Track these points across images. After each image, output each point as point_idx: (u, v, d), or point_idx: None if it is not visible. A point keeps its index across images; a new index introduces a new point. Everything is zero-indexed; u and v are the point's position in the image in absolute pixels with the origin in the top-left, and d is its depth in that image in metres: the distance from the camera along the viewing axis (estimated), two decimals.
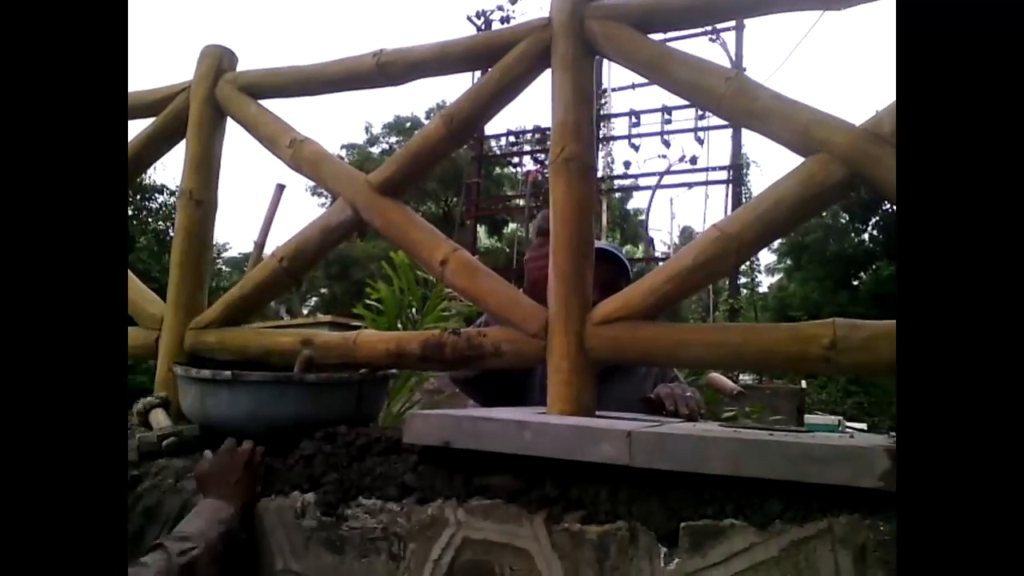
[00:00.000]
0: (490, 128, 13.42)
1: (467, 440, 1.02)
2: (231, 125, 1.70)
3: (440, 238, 1.37)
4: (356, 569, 1.05)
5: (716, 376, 1.54)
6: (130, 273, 1.64)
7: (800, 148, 1.16)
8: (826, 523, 0.82)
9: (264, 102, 1.65)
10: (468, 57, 1.44)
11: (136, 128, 1.80)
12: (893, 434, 1.00)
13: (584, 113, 1.28)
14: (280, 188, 1.94)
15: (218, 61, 1.70)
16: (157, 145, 1.77)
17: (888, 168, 1.07)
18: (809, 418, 1.25)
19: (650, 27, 1.30)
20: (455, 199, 18.22)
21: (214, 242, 1.87)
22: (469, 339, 1.32)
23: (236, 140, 1.74)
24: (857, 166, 1.09)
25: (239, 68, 1.72)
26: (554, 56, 1.30)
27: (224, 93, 1.65)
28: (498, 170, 18.84)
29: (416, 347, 1.36)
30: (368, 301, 2.90)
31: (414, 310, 2.85)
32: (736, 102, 1.19)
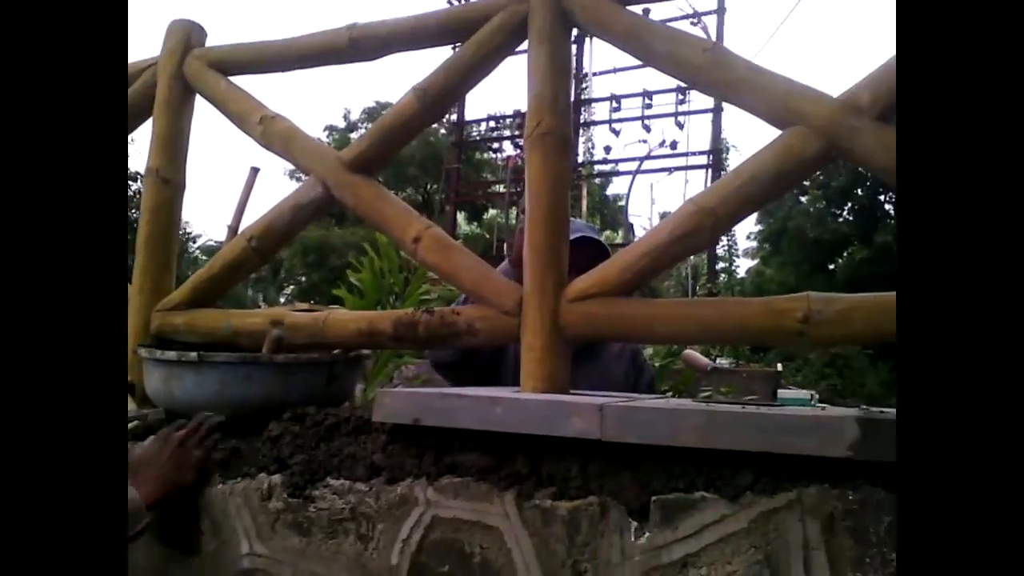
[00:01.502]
0: (470, 113, 13.35)
1: (438, 417, 1.00)
2: (200, 103, 1.66)
3: (413, 215, 1.35)
4: (323, 551, 1.03)
5: (690, 352, 1.54)
6: None
7: (777, 121, 1.14)
8: (795, 493, 0.82)
9: (236, 79, 1.60)
10: (443, 31, 1.41)
11: None
12: (864, 407, 1.00)
13: (561, 86, 1.26)
14: (254, 171, 1.90)
15: (186, 36, 1.65)
16: None
17: (865, 140, 1.06)
18: (783, 392, 1.25)
19: None
20: (434, 185, 18.09)
21: (185, 227, 1.83)
22: (443, 317, 1.30)
23: (207, 120, 1.69)
24: (834, 138, 1.08)
25: (208, 43, 1.67)
26: (531, 28, 1.27)
27: (192, 69, 1.60)
28: (478, 155, 18.76)
29: (388, 326, 1.33)
30: (352, 281, 2.86)
31: (394, 295, 2.81)
32: (713, 74, 1.17)
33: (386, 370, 2.45)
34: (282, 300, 19.95)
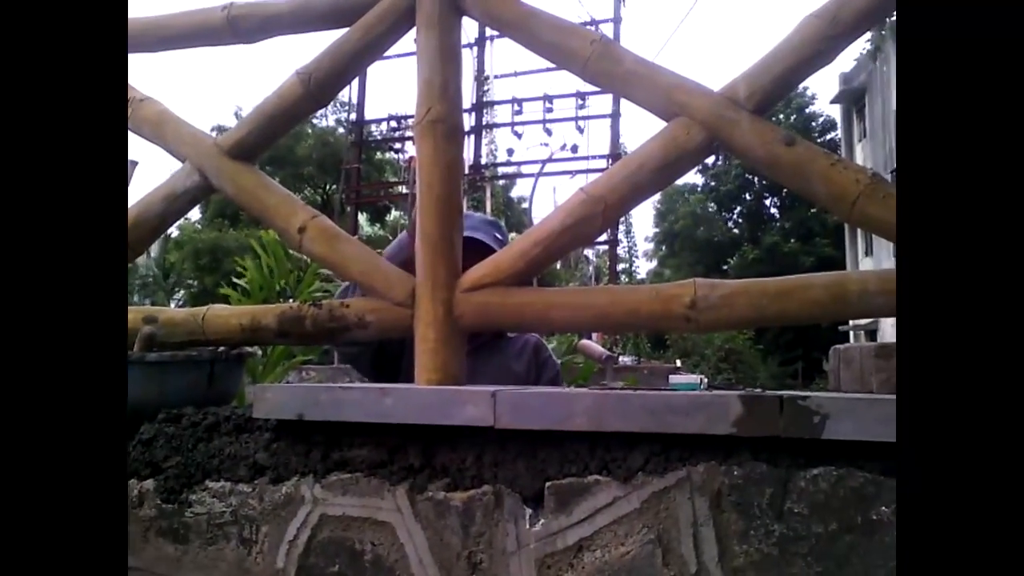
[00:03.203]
0: (370, 112, 13.10)
1: (324, 411, 0.95)
2: None
3: (297, 204, 1.29)
4: (202, 558, 0.96)
5: (586, 342, 1.56)
6: None
7: (662, 112, 1.17)
8: (685, 472, 0.83)
9: None
10: (329, 14, 1.35)
11: None
12: (748, 388, 1.03)
13: (451, 73, 1.23)
14: (131, 164, 1.76)
15: None
16: None
17: (742, 132, 1.10)
18: (673, 378, 1.29)
19: None
20: (334, 185, 17.64)
21: None
22: (331, 310, 1.24)
23: None
24: (715, 130, 1.12)
25: None
26: (419, 13, 1.24)
27: None
28: (379, 155, 18.43)
29: (272, 321, 1.26)
30: (235, 281, 2.72)
31: (284, 295, 2.70)
32: (600, 65, 1.18)
33: (275, 372, 2.34)
34: (172, 305, 18.86)
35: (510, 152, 13.18)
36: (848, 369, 1.04)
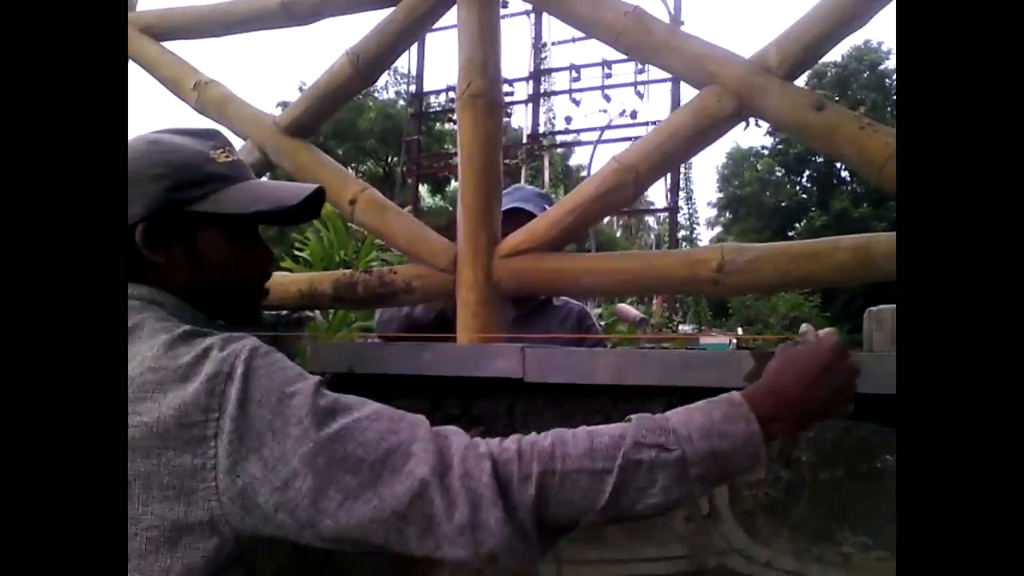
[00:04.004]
0: (429, 83, 13.19)
1: (371, 365, 1.05)
2: (135, 69, 1.66)
3: (349, 177, 1.38)
4: None
5: (621, 306, 1.61)
6: None
7: (694, 80, 1.20)
8: None
9: (169, 45, 1.60)
10: None
11: None
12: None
13: (490, 48, 1.29)
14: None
15: None
16: None
17: (773, 99, 1.13)
18: (704, 339, 1.33)
19: None
20: (395, 158, 17.91)
21: None
22: (381, 277, 1.34)
23: (143, 87, 1.69)
24: (746, 98, 1.14)
25: (139, 8, 1.67)
26: None
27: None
28: (439, 126, 18.58)
29: (328, 287, 1.37)
30: (297, 254, 2.88)
31: (343, 265, 2.83)
32: (633, 36, 1.22)
33: (336, 336, 2.47)
34: None
35: (568, 120, 13.05)
36: (881, 331, 1.06)
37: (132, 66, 1.63)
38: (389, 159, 20.55)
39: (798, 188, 25.08)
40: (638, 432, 0.67)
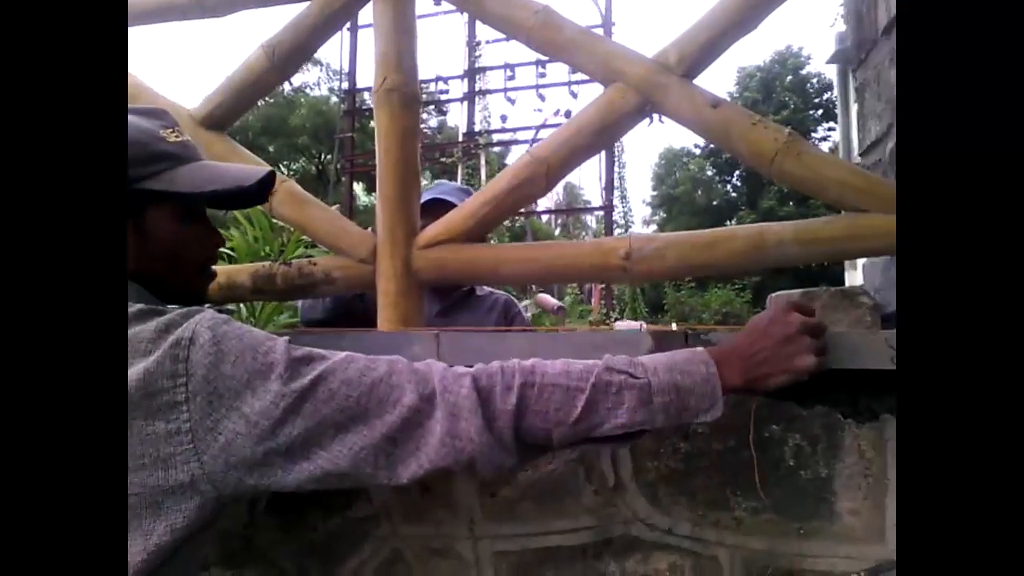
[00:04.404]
0: (362, 80, 13.03)
1: None
2: None
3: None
4: None
5: (541, 296, 1.66)
6: None
7: (601, 78, 1.26)
8: None
9: None
10: None
11: None
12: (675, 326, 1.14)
13: (406, 43, 1.32)
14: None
15: None
16: None
17: (673, 95, 1.19)
18: (618, 324, 1.38)
19: None
20: (328, 155, 17.60)
21: None
22: (300, 268, 1.35)
23: None
24: (648, 94, 1.20)
25: None
26: None
27: None
28: (373, 124, 18.36)
29: (247, 279, 1.37)
30: (222, 250, 2.82)
31: (269, 261, 2.80)
32: (543, 34, 1.27)
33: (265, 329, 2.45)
34: None
35: (504, 119, 13.11)
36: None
37: None
38: (322, 157, 20.18)
39: (728, 187, 25.91)
40: (609, 362, 0.74)
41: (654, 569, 0.93)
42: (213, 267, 0.92)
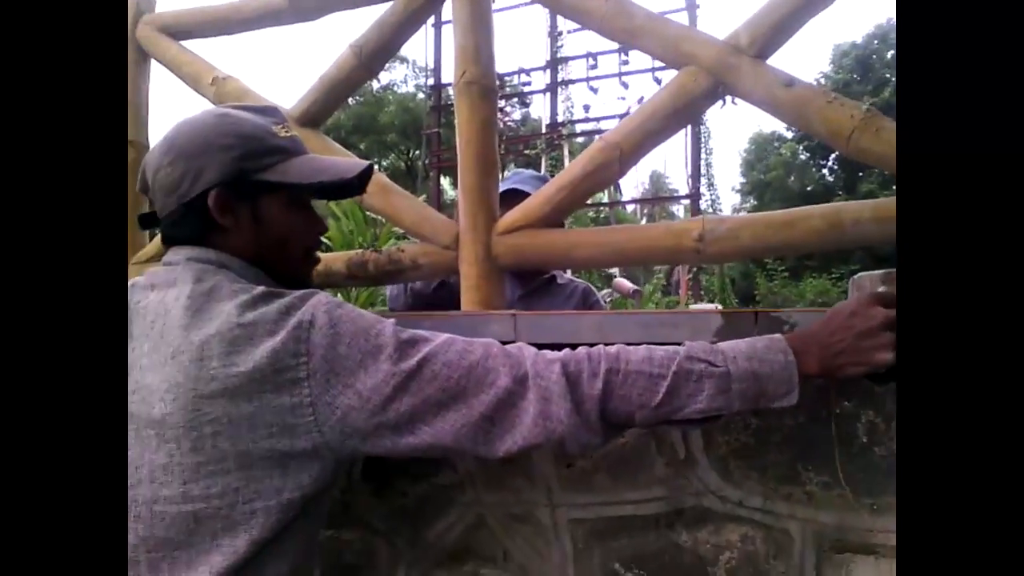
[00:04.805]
0: (447, 76, 13.24)
1: None
2: (158, 71, 1.77)
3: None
4: None
5: (618, 280, 1.69)
6: None
7: (672, 62, 1.28)
8: None
9: (188, 44, 1.71)
10: None
11: None
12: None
13: (483, 37, 1.38)
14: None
15: (135, 2, 1.75)
16: None
17: (746, 77, 1.20)
18: (693, 307, 1.39)
19: None
20: (416, 151, 18.03)
21: None
22: (390, 255, 1.44)
23: (165, 83, 1.80)
24: (720, 76, 1.21)
25: (157, 9, 1.77)
26: None
27: (144, 34, 1.70)
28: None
29: (342, 266, 1.47)
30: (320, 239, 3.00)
31: (365, 247, 2.95)
32: (615, 22, 1.30)
33: None
34: None
35: (587, 108, 13.03)
36: (859, 293, 1.12)
37: (153, 64, 1.75)
38: (411, 153, 20.68)
39: (824, 171, 24.73)
40: (691, 349, 0.78)
41: (726, 540, 0.96)
42: (317, 253, 1.00)
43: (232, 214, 0.86)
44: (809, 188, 24.06)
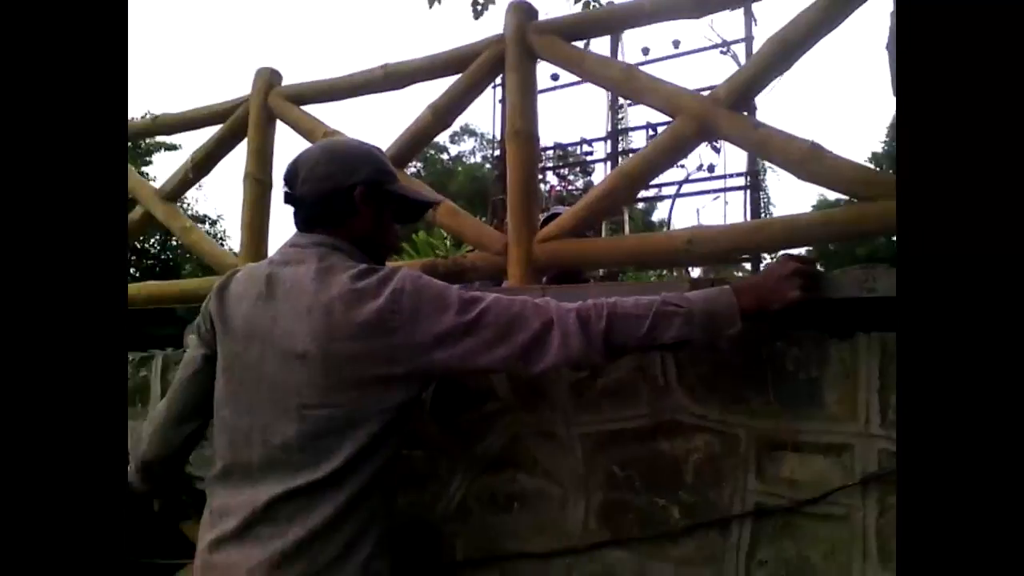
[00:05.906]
0: None
1: None
2: (281, 126, 2.31)
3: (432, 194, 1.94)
4: None
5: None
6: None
7: (669, 112, 1.69)
8: None
9: (307, 108, 2.25)
10: (448, 65, 1.99)
11: (208, 133, 2.44)
12: None
13: (528, 101, 1.83)
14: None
15: (268, 78, 2.31)
16: (225, 142, 2.40)
17: (723, 123, 1.60)
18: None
19: (573, 36, 1.85)
20: (483, 217, 18.84)
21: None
22: (455, 261, 1.88)
23: (288, 138, 2.34)
24: (704, 123, 1.62)
25: (284, 83, 2.33)
26: (507, 61, 1.85)
27: (274, 101, 2.25)
28: None
29: (417, 269, 1.92)
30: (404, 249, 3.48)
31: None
32: (627, 85, 1.73)
33: None
34: None
35: None
36: None
37: (279, 125, 2.29)
38: (478, 217, 21.50)
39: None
40: (666, 297, 1.14)
41: (693, 445, 1.30)
42: (394, 251, 1.40)
43: (366, 206, 1.24)
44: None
